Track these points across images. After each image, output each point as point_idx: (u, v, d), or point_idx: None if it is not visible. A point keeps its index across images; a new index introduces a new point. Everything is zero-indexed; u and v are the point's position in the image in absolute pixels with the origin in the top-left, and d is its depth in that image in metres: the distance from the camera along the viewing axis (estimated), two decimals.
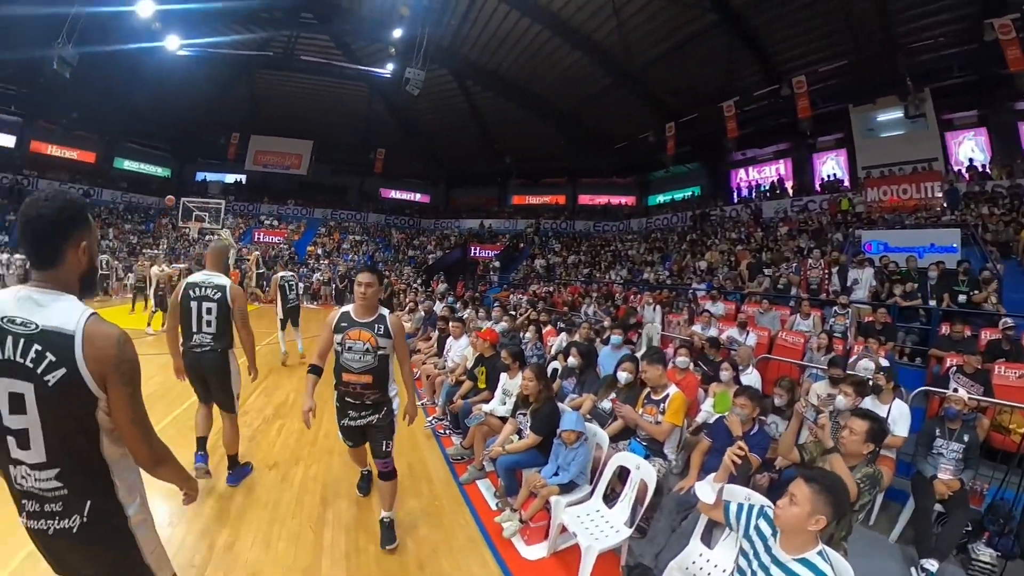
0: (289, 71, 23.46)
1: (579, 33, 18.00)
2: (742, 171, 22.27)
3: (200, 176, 29.26)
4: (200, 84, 23.28)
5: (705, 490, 2.26)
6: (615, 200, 27.21)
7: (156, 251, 19.98)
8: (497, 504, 3.69)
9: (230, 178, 29.18)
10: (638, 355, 4.41)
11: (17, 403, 1.28)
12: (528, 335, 6.78)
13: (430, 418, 5.50)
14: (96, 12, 15.62)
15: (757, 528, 1.94)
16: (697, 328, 7.22)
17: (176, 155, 28.63)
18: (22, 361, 1.27)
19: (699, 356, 5.48)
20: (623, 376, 4.10)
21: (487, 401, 4.65)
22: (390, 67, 20.10)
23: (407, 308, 11.58)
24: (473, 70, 21.86)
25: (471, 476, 4.11)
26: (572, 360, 5.01)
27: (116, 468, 1.42)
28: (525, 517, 3.31)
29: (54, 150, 24.37)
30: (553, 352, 6.35)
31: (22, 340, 1.27)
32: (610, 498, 3.27)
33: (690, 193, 23.90)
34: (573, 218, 26.30)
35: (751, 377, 4.88)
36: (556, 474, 3.35)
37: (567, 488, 3.26)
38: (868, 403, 3.84)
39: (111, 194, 24.50)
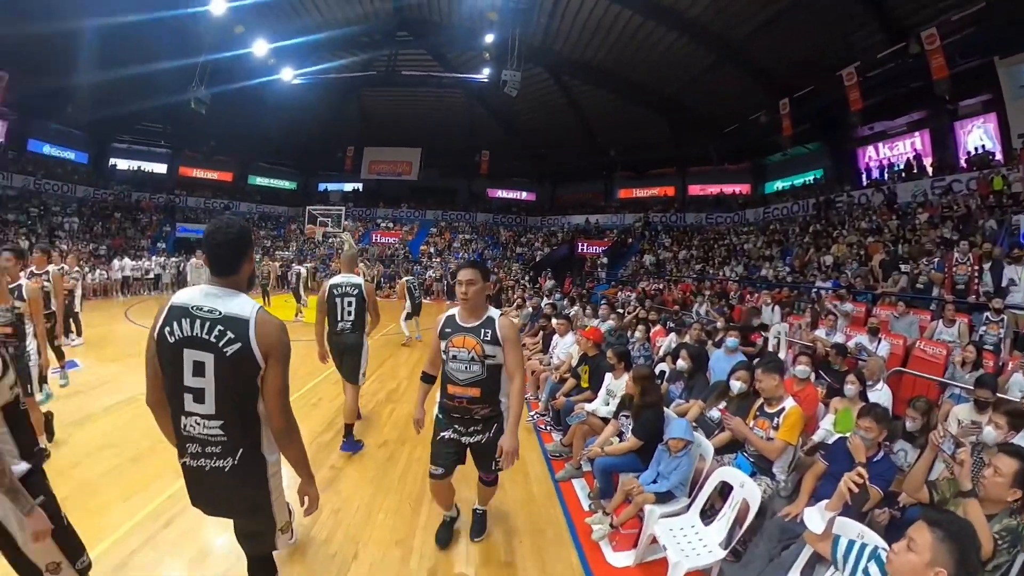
0: (393, 86, 25.22)
1: (672, 12, 17.01)
2: (871, 148, 19.28)
3: (322, 187, 32.46)
4: (315, 106, 25.92)
5: (814, 518, 2.05)
6: (728, 189, 25.24)
7: (287, 253, 22.77)
8: (590, 505, 3.64)
9: (348, 187, 31.93)
10: (757, 361, 4.10)
11: (199, 369, 1.72)
12: (636, 335, 6.58)
13: (532, 413, 5.58)
14: (220, 58, 18.68)
15: (866, 572, 1.73)
16: (820, 333, 6.46)
17: (300, 170, 32.25)
18: (207, 337, 1.70)
19: (821, 365, 4.92)
20: (736, 385, 3.77)
21: (590, 400, 4.60)
22: (486, 71, 20.83)
23: (515, 304, 11.97)
24: (568, 65, 21.72)
25: (567, 474, 4.09)
26: (681, 363, 4.76)
27: (265, 426, 1.84)
28: (616, 522, 3.20)
29: (198, 173, 28.92)
30: (661, 353, 6.13)
31: (207, 322, 1.71)
32: (708, 514, 3.07)
33: (812, 178, 21.40)
34: (683, 210, 24.92)
35: (880, 394, 4.25)
36: (655, 481, 3.21)
37: (664, 498, 3.11)
38: (1019, 438, 3.00)
39: (247, 206, 28.41)
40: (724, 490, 3.05)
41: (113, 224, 22.49)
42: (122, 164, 26.64)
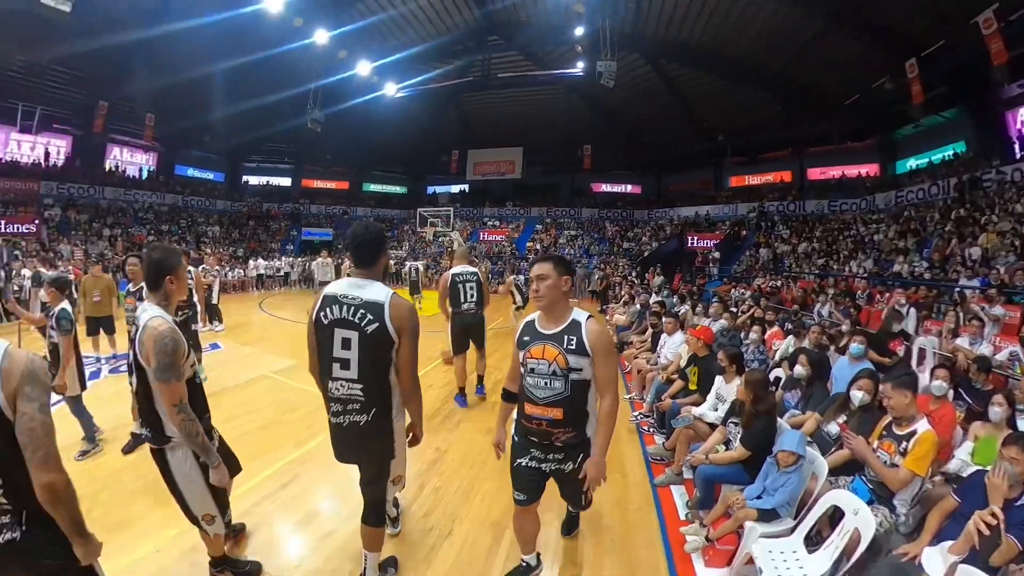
0: (490, 90, 25.84)
1: None
2: (1023, 111, 15.81)
3: (430, 190, 34.34)
4: (419, 115, 27.55)
5: (934, 561, 1.85)
6: (852, 171, 22.52)
7: (400, 252, 24.69)
8: (687, 515, 3.51)
9: (455, 188, 33.46)
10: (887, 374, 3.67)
11: (346, 344, 2.20)
12: (751, 336, 6.11)
13: (636, 413, 5.49)
14: (329, 82, 21.37)
15: None
16: (963, 342, 5.59)
17: (409, 175, 34.53)
18: (352, 319, 2.19)
19: (961, 381, 4.28)
20: (857, 396, 3.35)
21: (697, 404, 4.43)
22: (580, 65, 20.59)
23: (622, 301, 11.83)
24: (663, 48, 20.76)
25: (667, 479, 3.98)
26: (799, 369, 4.34)
27: (395, 391, 2.32)
28: (712, 536, 3.07)
29: (318, 183, 32.37)
30: (777, 358, 5.70)
31: (352, 307, 2.19)
32: (813, 541, 2.81)
33: (951, 152, 18.24)
34: (802, 197, 22.63)
35: None
36: (759, 497, 3.02)
37: (767, 516, 2.91)
38: None
39: (363, 211, 31.00)
40: (835, 516, 2.77)
41: (248, 231, 26.02)
42: (253, 180, 30.73)
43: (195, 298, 6.45)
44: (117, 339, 7.00)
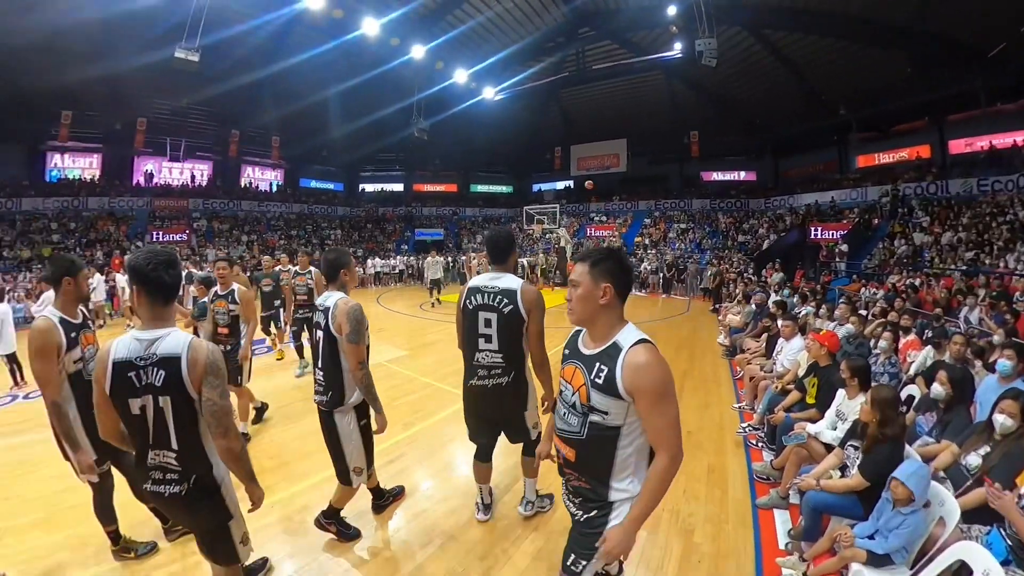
0: (588, 83, 25.68)
1: None
2: None
3: (535, 187, 34.94)
4: (519, 116, 28.29)
5: None
6: (1004, 140, 18.58)
7: None
8: (787, 544, 3.19)
9: (560, 185, 33.64)
10: None
11: (487, 323, 2.82)
12: (881, 344, 5.24)
13: (745, 424, 5.08)
14: (430, 93, 23.33)
15: None
16: None
17: (514, 174, 35.63)
18: (492, 303, 2.80)
19: None
20: (1000, 420, 2.84)
21: (814, 420, 3.99)
22: (678, 46, 19.73)
23: (736, 299, 11.10)
24: (765, 15, 18.68)
25: (770, 501, 3.65)
26: (937, 388, 3.67)
27: (526, 360, 2.91)
28: (811, 573, 2.79)
29: (428, 187, 34.70)
30: (912, 372, 4.94)
31: (491, 294, 2.81)
32: None
33: None
34: (944, 176, 18.94)
35: None
36: (872, 537, 2.67)
37: (878, 561, 2.56)
38: None
39: (471, 211, 33.03)
40: (961, 573, 2.36)
41: (366, 233, 28.66)
42: (369, 187, 33.73)
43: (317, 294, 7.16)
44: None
